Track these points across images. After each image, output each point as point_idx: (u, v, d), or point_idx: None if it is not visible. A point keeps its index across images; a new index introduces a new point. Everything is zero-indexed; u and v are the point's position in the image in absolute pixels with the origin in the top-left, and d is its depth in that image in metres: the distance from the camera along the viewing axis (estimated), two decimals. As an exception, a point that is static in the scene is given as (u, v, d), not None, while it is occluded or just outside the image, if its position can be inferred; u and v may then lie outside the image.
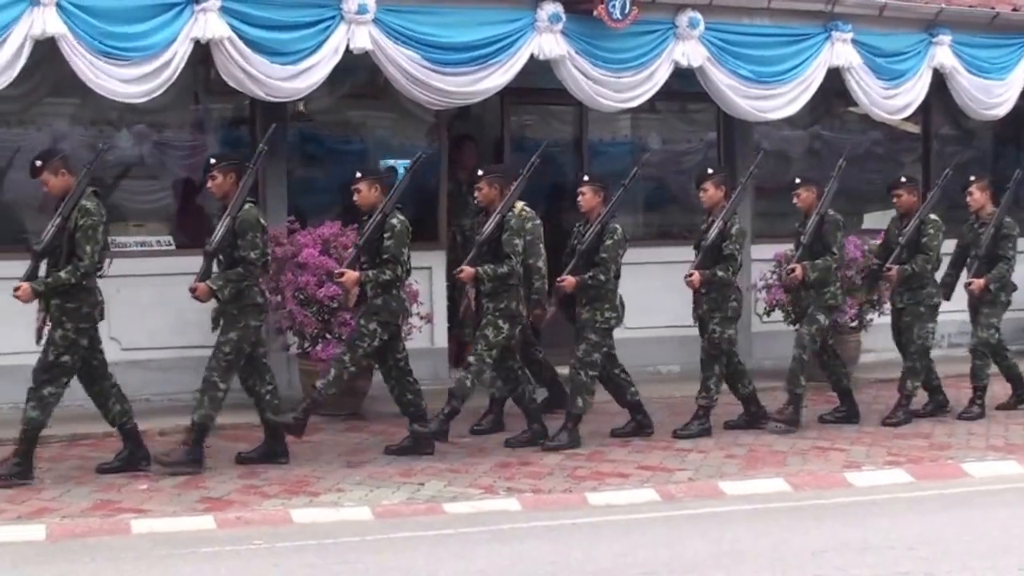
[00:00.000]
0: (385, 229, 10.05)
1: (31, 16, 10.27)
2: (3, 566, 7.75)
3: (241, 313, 9.72)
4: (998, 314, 12.10)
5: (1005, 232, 11.97)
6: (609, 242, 10.62)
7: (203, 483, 9.57)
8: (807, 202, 11.52)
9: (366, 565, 7.78)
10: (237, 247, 9.61)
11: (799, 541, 8.22)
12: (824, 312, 11.47)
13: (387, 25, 11.39)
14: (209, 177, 9.85)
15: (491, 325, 10.41)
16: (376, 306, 10.11)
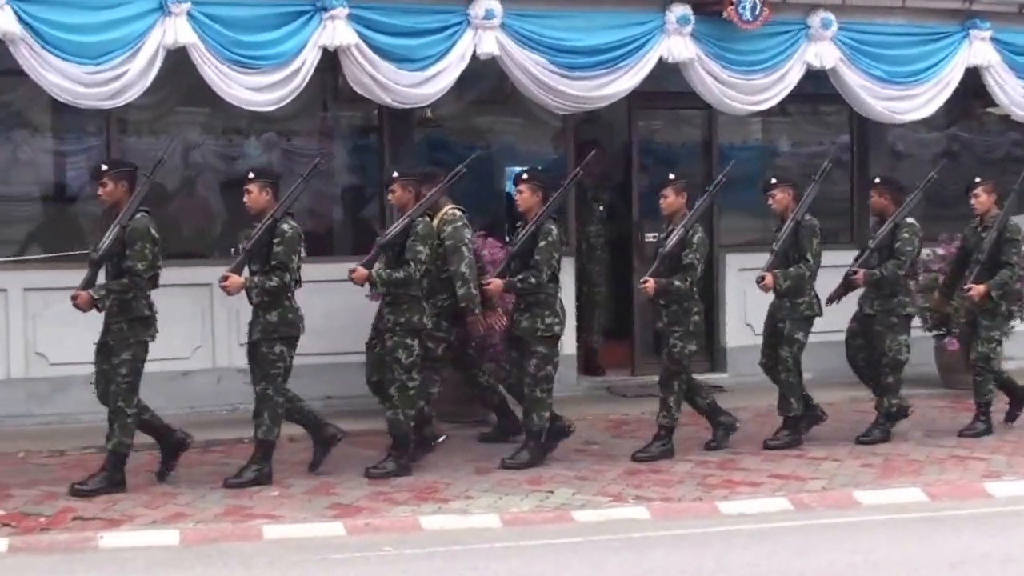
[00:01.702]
0: (276, 235, 9.67)
1: (163, 26, 10.51)
2: (138, 569, 7.96)
3: (130, 329, 9.47)
4: (999, 326, 11.71)
5: (1009, 236, 11.53)
6: (543, 243, 10.25)
7: (333, 489, 9.71)
8: (782, 204, 11.12)
9: (495, 572, 7.85)
10: (125, 257, 9.38)
11: (936, 552, 8.16)
12: (801, 328, 11.08)
13: (514, 30, 11.49)
14: (99, 184, 9.62)
15: (400, 347, 9.95)
16: (272, 324, 9.73)
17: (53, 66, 10.32)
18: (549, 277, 10.30)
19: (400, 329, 9.95)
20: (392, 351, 9.97)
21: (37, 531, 8.74)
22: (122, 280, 9.35)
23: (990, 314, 11.51)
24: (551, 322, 10.34)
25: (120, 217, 9.37)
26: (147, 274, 9.42)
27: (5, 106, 12.07)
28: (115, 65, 10.47)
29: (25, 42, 10.17)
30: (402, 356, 9.93)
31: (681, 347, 10.62)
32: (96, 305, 9.32)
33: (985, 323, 11.51)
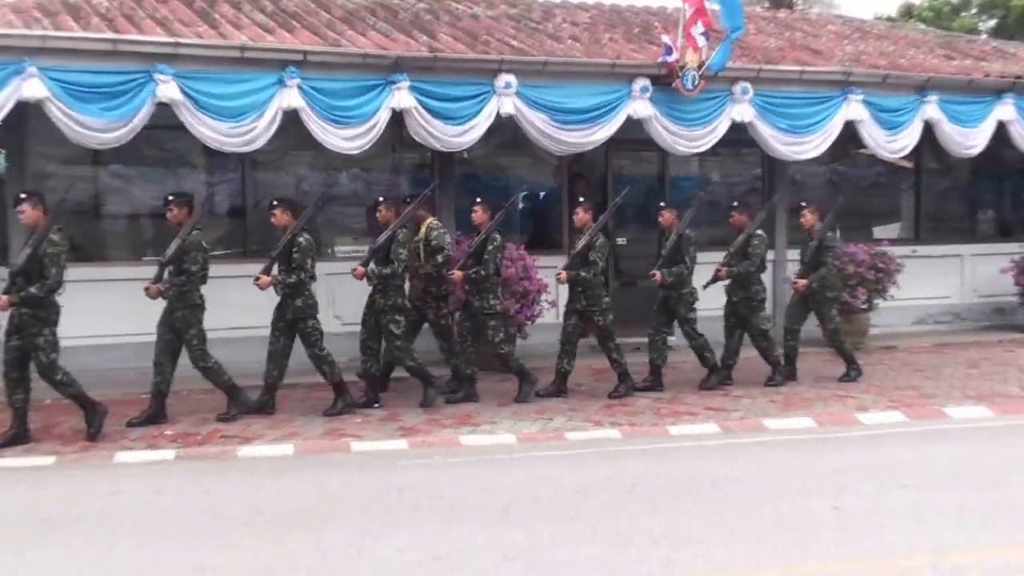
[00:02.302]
0: (294, 245, 9.67)
1: (281, 95, 10.62)
2: (265, 472, 8.11)
3: (189, 311, 9.47)
4: (829, 309, 11.53)
5: (827, 244, 11.40)
6: (491, 247, 10.27)
7: (399, 417, 9.82)
8: (668, 221, 11.09)
9: (513, 474, 7.99)
10: (183, 261, 9.39)
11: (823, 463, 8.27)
12: (688, 309, 10.95)
13: (525, 96, 11.56)
14: (167, 209, 9.57)
15: (391, 323, 10.00)
16: (300, 308, 9.76)
17: (205, 123, 10.41)
18: (494, 271, 10.39)
19: (389, 309, 10.02)
20: (386, 326, 10.04)
21: (195, 445, 8.91)
22: (180, 278, 9.38)
23: (817, 302, 11.46)
24: (494, 302, 10.39)
25: (181, 233, 9.40)
26: (199, 274, 9.46)
27: (172, 151, 12.14)
28: (248, 122, 10.55)
29: (186, 106, 10.28)
30: (394, 328, 10.04)
31: (602, 320, 10.63)
32: (162, 295, 9.39)
33: (823, 311, 11.49)
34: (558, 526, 6.49)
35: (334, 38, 11.46)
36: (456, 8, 14.27)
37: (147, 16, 11.24)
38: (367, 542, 6.19)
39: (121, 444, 8.91)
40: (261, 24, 11.58)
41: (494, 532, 6.37)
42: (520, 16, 14.29)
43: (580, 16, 14.84)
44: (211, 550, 6.06)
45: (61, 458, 8.54)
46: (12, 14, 10.59)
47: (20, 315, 8.73)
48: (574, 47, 12.71)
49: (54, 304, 8.85)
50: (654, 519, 6.61)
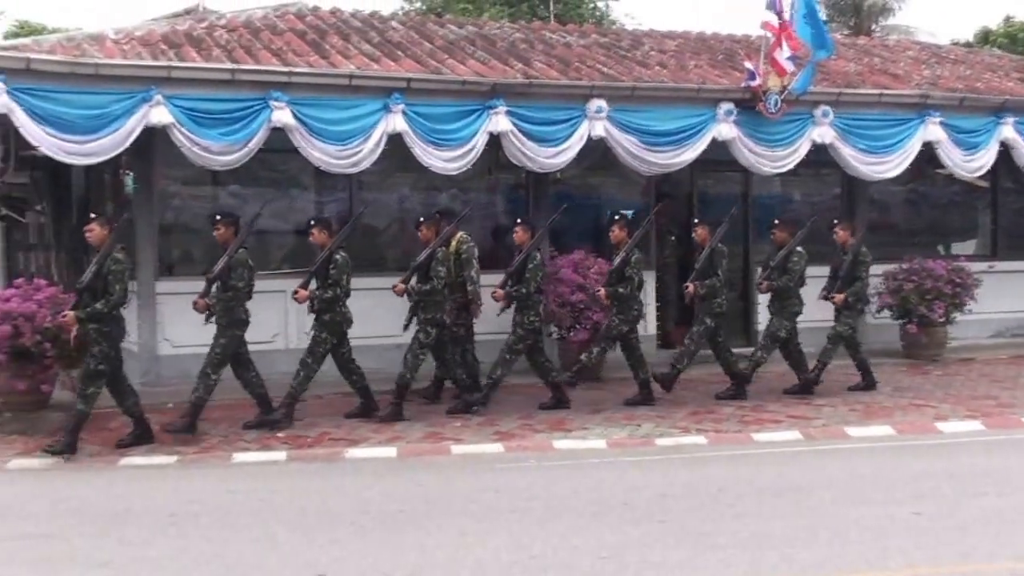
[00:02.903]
0: (331, 262, 9.57)
1: (386, 120, 10.74)
2: (370, 472, 8.17)
3: (229, 325, 9.29)
4: (854, 318, 11.23)
5: (860, 259, 11.11)
6: (531, 266, 10.09)
7: (496, 422, 9.79)
8: (702, 237, 10.90)
9: (603, 478, 7.93)
10: (230, 278, 9.26)
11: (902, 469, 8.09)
12: (711, 317, 10.68)
13: (615, 120, 11.52)
14: (215, 228, 9.48)
15: (422, 332, 9.86)
16: (326, 322, 9.64)
17: (315, 146, 10.56)
18: (535, 289, 10.19)
19: (427, 321, 9.88)
20: (416, 334, 9.93)
21: (306, 447, 8.99)
22: (227, 294, 9.26)
23: (848, 307, 11.11)
24: (534, 319, 10.18)
25: (228, 251, 9.28)
26: (244, 290, 9.33)
27: (284, 172, 12.33)
28: (355, 145, 10.68)
29: (298, 130, 10.43)
30: (422, 337, 9.89)
31: (622, 328, 10.43)
32: (209, 309, 9.26)
33: (845, 313, 11.12)
34: (647, 528, 6.40)
35: (436, 66, 11.53)
36: (550, 37, 14.27)
37: (263, 47, 11.42)
38: (467, 541, 6.17)
39: (238, 446, 9.03)
40: (368, 54, 11.69)
41: (586, 533, 6.31)
42: (610, 44, 14.24)
43: (667, 44, 14.74)
44: (321, 546, 6.08)
45: (182, 457, 8.68)
46: (141, 46, 10.84)
47: (87, 331, 8.68)
48: (661, 73, 12.63)
49: (119, 320, 8.81)
50: (739, 522, 6.49)
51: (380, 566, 5.70)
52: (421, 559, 5.82)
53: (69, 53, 10.21)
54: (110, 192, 13.74)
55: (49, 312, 9.56)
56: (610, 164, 12.44)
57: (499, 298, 10.15)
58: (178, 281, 9.85)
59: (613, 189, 13.86)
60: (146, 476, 8.24)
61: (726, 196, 14.09)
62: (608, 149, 11.79)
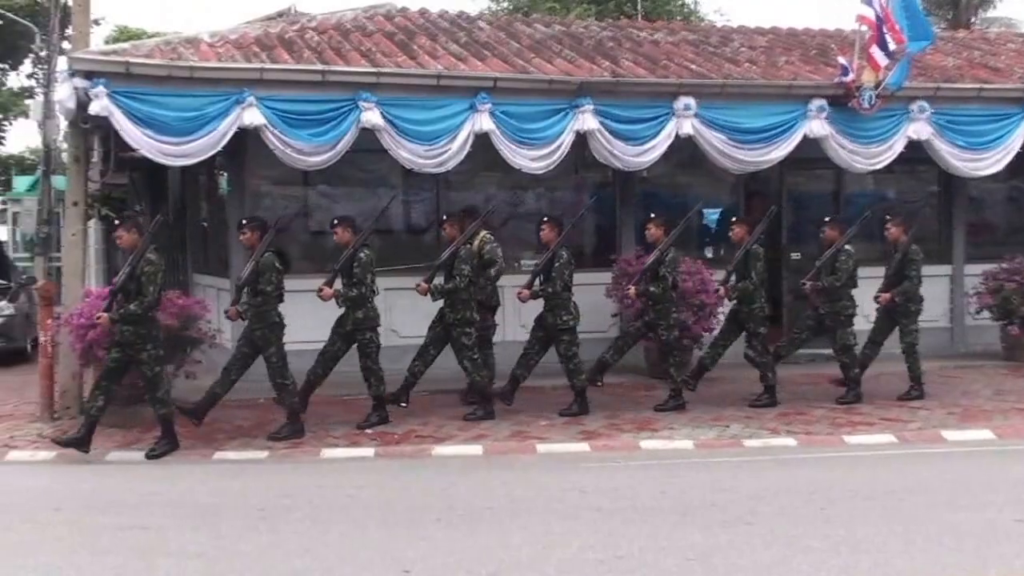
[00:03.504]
0: (355, 260, 9.46)
1: (472, 119, 10.73)
2: (456, 470, 8.23)
3: (270, 331, 9.24)
4: (913, 321, 10.74)
5: (911, 257, 10.66)
6: (558, 264, 9.93)
7: (579, 421, 9.80)
8: (739, 236, 10.61)
9: (689, 479, 7.87)
10: (259, 282, 9.17)
11: (1003, 475, 7.93)
12: (757, 322, 10.45)
13: (704, 117, 11.36)
14: (240, 232, 9.51)
15: (462, 335, 9.81)
16: (360, 320, 9.54)
17: (404, 146, 10.62)
18: (563, 287, 10.01)
19: (459, 322, 9.83)
20: (457, 339, 9.84)
21: (393, 444, 9.10)
22: (257, 299, 9.17)
23: (900, 314, 10.75)
24: (567, 318, 10.01)
25: (255, 255, 9.24)
26: (274, 294, 9.24)
27: (373, 172, 12.45)
28: (442, 145, 10.70)
29: (387, 130, 10.50)
30: (465, 341, 9.84)
31: (667, 335, 10.32)
32: (241, 316, 9.22)
33: (903, 322, 10.74)
34: (736, 530, 6.33)
35: (522, 65, 11.54)
36: (638, 35, 14.20)
37: (353, 48, 11.55)
38: (552, 540, 6.17)
39: (327, 442, 9.17)
40: (455, 54, 11.76)
41: (673, 534, 6.26)
42: (699, 41, 14.11)
43: (757, 40, 14.56)
44: (407, 542, 6.14)
45: (273, 453, 8.84)
46: (235, 49, 11.04)
47: (123, 332, 8.68)
48: (751, 70, 12.47)
49: (155, 320, 8.84)
50: (831, 526, 6.39)
51: (465, 563, 5.72)
52: (506, 556, 5.84)
53: (166, 57, 10.44)
54: (204, 193, 14.07)
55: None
56: (698, 162, 12.31)
57: (524, 297, 10.09)
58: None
59: (701, 187, 13.72)
60: (238, 471, 8.40)
61: (817, 194, 13.90)
62: (696, 147, 11.67)
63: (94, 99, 9.73)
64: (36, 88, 27.21)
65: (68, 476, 8.33)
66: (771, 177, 13.43)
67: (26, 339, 14.61)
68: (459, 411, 10.15)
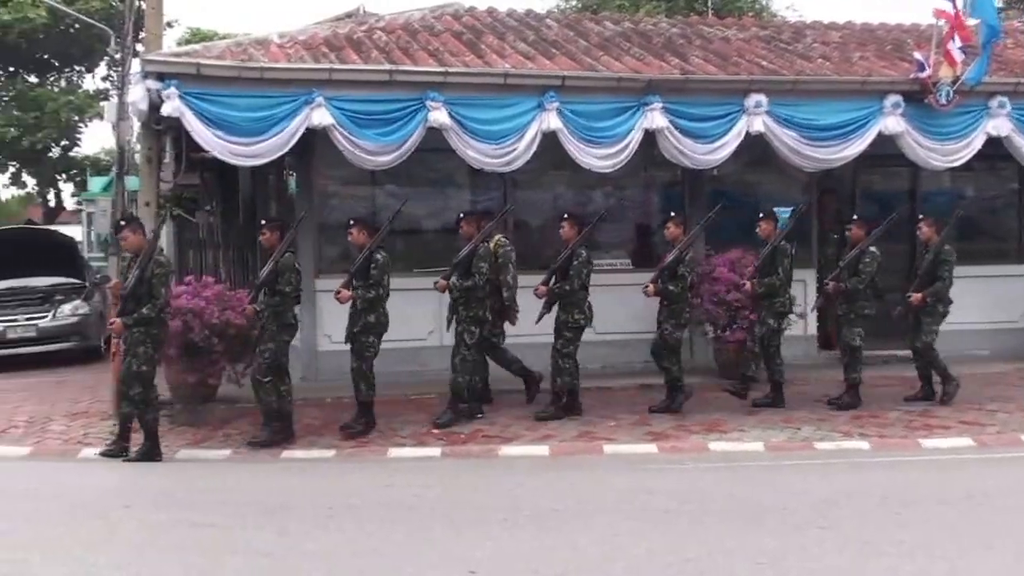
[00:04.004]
0: (372, 261, 9.33)
1: (540, 118, 10.68)
2: (523, 471, 8.23)
3: (279, 330, 9.12)
4: (936, 323, 10.40)
5: (943, 258, 10.35)
6: (576, 262, 9.82)
7: (648, 422, 9.76)
8: (766, 232, 10.49)
9: (758, 481, 7.82)
10: (277, 283, 9.08)
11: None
12: (774, 317, 10.33)
13: (775, 114, 11.21)
14: (260, 232, 9.48)
15: (466, 332, 9.67)
16: (370, 324, 9.35)
17: (471, 145, 10.62)
18: (580, 286, 9.90)
19: (469, 319, 9.71)
20: (460, 334, 9.73)
21: (460, 444, 9.12)
22: (275, 299, 9.10)
23: (929, 314, 10.40)
24: (579, 317, 9.91)
25: (275, 255, 9.14)
26: (292, 295, 9.20)
27: (440, 171, 12.48)
28: (510, 144, 10.68)
29: (454, 130, 10.52)
30: (467, 338, 9.69)
31: (671, 332, 10.11)
32: (258, 315, 9.17)
33: (926, 320, 10.38)
34: (807, 534, 6.23)
35: (591, 63, 11.50)
36: (708, 32, 14.07)
37: (420, 48, 11.59)
38: (619, 542, 6.13)
39: (394, 441, 9.21)
40: (523, 52, 11.74)
41: (743, 537, 6.18)
42: (770, 37, 13.94)
43: (831, 36, 14.34)
44: (474, 542, 6.14)
45: (340, 452, 8.91)
46: (304, 50, 11.14)
47: (133, 334, 8.63)
48: (824, 66, 12.28)
49: (164, 323, 8.82)
50: (906, 531, 6.26)
51: (531, 564, 5.71)
52: (573, 558, 5.81)
53: (236, 58, 10.57)
54: (274, 193, 14.21)
55: (217, 308, 9.94)
56: (769, 160, 12.17)
57: (542, 295, 9.98)
58: (337, 279, 10.07)
59: (772, 186, 13.54)
60: (305, 469, 8.48)
61: (892, 192, 13.65)
62: (767, 145, 11.53)
63: (166, 100, 9.89)
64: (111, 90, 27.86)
65: (139, 473, 8.47)
66: (844, 175, 13.22)
67: (100, 338, 14.89)
68: (526, 411, 10.16)
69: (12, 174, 30.86)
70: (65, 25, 27.18)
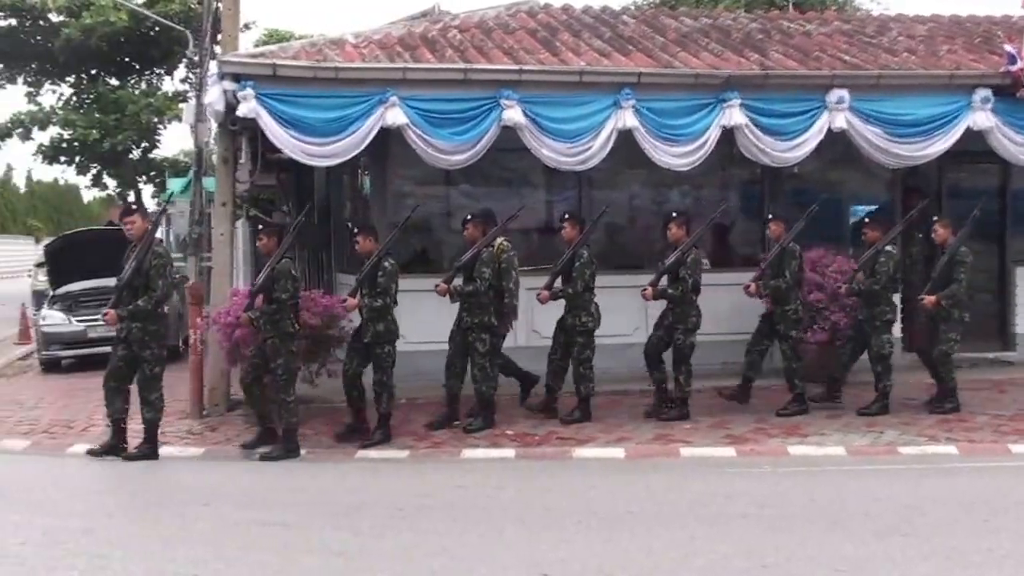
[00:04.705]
0: (379, 269, 9.15)
1: (615, 116, 10.63)
2: (597, 472, 8.18)
3: (282, 341, 8.86)
4: (954, 328, 10.00)
5: (959, 259, 9.96)
6: (578, 264, 9.68)
7: (727, 425, 9.67)
8: (776, 233, 10.29)
9: (839, 486, 7.69)
10: (274, 289, 8.86)
11: None
12: (791, 326, 10.12)
13: (858, 110, 11.05)
14: (258, 239, 9.37)
15: (478, 340, 9.53)
16: (380, 333, 9.16)
17: (545, 144, 10.63)
18: (583, 288, 9.74)
19: (477, 327, 9.56)
20: (472, 344, 9.57)
21: (533, 445, 9.12)
22: (271, 306, 8.89)
23: (945, 320, 10.04)
24: (586, 319, 9.77)
25: (271, 261, 8.97)
26: (289, 302, 8.94)
27: (514, 171, 12.52)
28: (585, 142, 10.67)
29: (528, 128, 10.53)
30: (480, 347, 9.55)
31: (682, 339, 9.87)
32: (253, 323, 8.97)
33: (943, 327, 10.05)
34: (890, 541, 6.12)
35: (667, 60, 11.43)
36: (788, 26, 13.91)
37: (495, 46, 11.63)
38: (695, 546, 6.08)
39: (467, 442, 9.25)
40: (598, 49, 11.72)
41: (823, 543, 6.10)
42: (853, 31, 13.73)
43: (917, 29, 14.08)
44: (547, 545, 6.13)
45: (414, 452, 8.97)
46: (378, 49, 11.25)
47: (130, 329, 8.62)
48: (910, 60, 12.07)
49: (162, 317, 8.76)
50: (994, 539, 6.12)
51: (605, 567, 5.69)
52: (648, 562, 5.78)
53: (311, 58, 10.70)
54: (349, 193, 14.37)
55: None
56: (851, 157, 11.99)
57: (544, 299, 9.88)
58: (410, 279, 10.14)
59: (854, 183, 13.38)
60: (379, 469, 8.56)
61: (980, 189, 13.34)
62: (849, 142, 11.36)
63: (242, 101, 10.05)
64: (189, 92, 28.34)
65: (216, 472, 8.62)
66: (929, 172, 12.97)
67: (178, 337, 15.17)
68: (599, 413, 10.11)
69: (93, 176, 31.57)
70: (145, 28, 27.76)
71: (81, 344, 15.42)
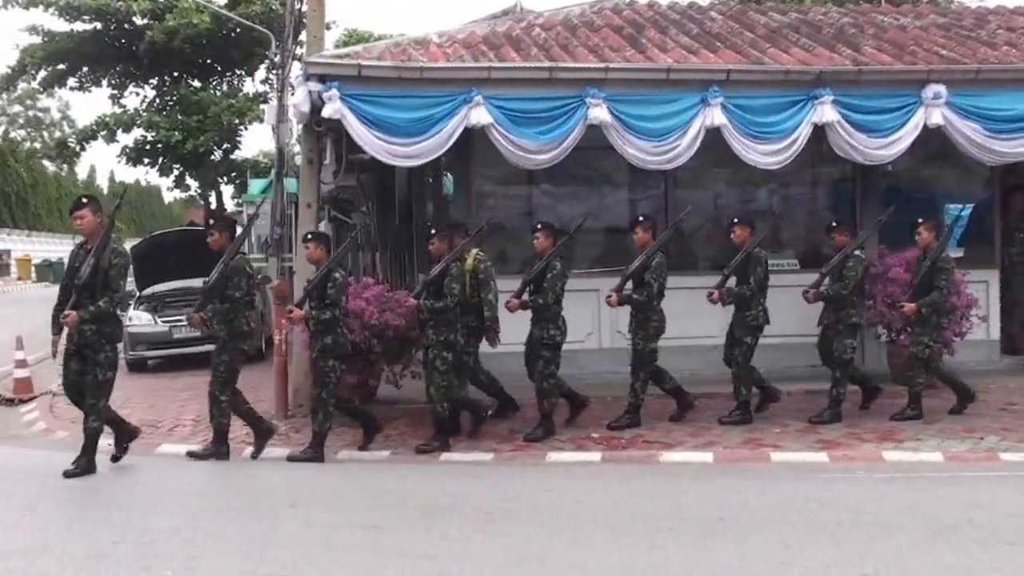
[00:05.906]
0: (329, 280, 8.91)
1: (703, 113, 10.58)
2: (685, 477, 8.17)
3: (231, 338, 8.78)
4: (928, 333, 9.86)
5: (941, 265, 9.79)
6: (550, 275, 9.43)
7: (818, 429, 9.58)
8: (741, 238, 9.98)
9: (938, 493, 7.55)
10: (227, 287, 8.73)
11: None
12: (749, 332, 9.81)
13: (955, 106, 10.85)
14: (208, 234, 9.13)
15: (438, 358, 9.15)
16: (327, 346, 8.92)
17: (631, 142, 10.60)
18: (554, 300, 9.51)
19: (440, 344, 9.23)
20: (432, 361, 9.25)
21: (619, 448, 9.12)
22: (224, 305, 8.78)
23: (922, 324, 9.83)
24: (554, 332, 9.51)
25: (223, 259, 8.84)
26: (243, 300, 8.83)
27: (597, 170, 12.52)
28: (671, 141, 10.62)
29: (614, 127, 10.51)
30: (439, 365, 9.20)
31: (642, 345, 9.69)
32: (205, 324, 8.81)
33: (917, 330, 9.88)
34: (995, 550, 5.99)
35: (756, 56, 11.33)
36: (882, 20, 13.70)
37: (580, 44, 11.63)
38: (790, 553, 6.02)
39: (552, 445, 9.27)
40: (685, 46, 11.65)
41: (924, 552, 6.00)
42: (950, 25, 13.48)
43: (1017, 21, 13.77)
44: (638, 550, 6.12)
45: (498, 455, 9.02)
46: (463, 48, 11.32)
47: (80, 332, 8.21)
48: (1011, 53, 11.80)
49: (119, 319, 8.52)
50: (1106, 552, 5.97)
51: (698, 575, 5.66)
52: (742, 569, 5.74)
53: (396, 58, 10.80)
54: (430, 193, 14.49)
55: (376, 309, 10.17)
56: (948, 154, 11.79)
57: (513, 308, 9.61)
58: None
59: (950, 181, 13.16)
60: (464, 472, 8.61)
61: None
62: (946, 138, 11.16)
63: (327, 102, 10.18)
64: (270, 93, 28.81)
65: (301, 473, 8.74)
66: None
67: (262, 338, 15.42)
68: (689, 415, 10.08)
69: (176, 177, 32.20)
70: (227, 30, 28.26)
71: (166, 345, 15.77)
